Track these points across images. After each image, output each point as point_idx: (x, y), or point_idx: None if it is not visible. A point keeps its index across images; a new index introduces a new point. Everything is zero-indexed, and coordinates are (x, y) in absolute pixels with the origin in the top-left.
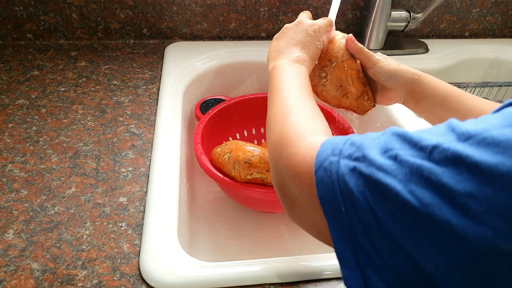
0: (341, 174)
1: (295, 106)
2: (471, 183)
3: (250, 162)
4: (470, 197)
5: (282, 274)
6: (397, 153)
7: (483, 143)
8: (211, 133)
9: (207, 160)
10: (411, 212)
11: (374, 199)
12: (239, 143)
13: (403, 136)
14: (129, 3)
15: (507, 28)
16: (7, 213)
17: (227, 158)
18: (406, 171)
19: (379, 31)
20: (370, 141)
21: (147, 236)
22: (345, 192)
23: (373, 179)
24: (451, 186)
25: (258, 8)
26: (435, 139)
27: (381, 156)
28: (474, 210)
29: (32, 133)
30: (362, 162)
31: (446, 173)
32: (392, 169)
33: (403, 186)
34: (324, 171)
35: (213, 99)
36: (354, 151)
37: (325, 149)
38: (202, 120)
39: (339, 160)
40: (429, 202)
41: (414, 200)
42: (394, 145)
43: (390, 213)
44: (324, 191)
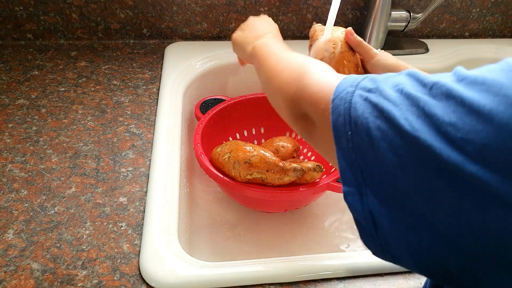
0: (354, 102)
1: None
2: (455, 114)
3: (250, 162)
4: (452, 126)
5: (282, 274)
6: (403, 87)
7: (474, 82)
8: (211, 133)
9: (207, 160)
10: (401, 134)
11: (375, 123)
12: (239, 143)
13: (414, 75)
14: (129, 3)
15: (507, 28)
16: (7, 213)
17: (227, 158)
18: (407, 103)
19: (379, 31)
20: (387, 77)
21: (147, 236)
22: (354, 116)
23: (378, 107)
24: (439, 116)
25: (258, 8)
26: (437, 78)
27: (390, 89)
28: (452, 136)
29: (32, 133)
30: (373, 93)
31: (438, 106)
32: (395, 99)
33: (401, 113)
34: (340, 99)
35: (213, 99)
36: (370, 85)
37: (346, 81)
38: (202, 120)
39: (355, 91)
40: (418, 128)
41: (406, 124)
42: (404, 82)
43: (385, 135)
44: (336, 116)
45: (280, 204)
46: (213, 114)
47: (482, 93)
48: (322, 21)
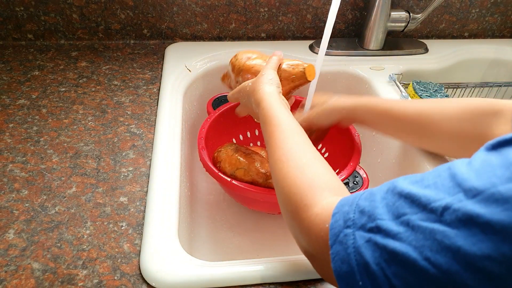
0: (357, 247)
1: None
2: (487, 244)
3: (235, 175)
4: (488, 259)
5: (282, 274)
6: (409, 219)
7: (492, 199)
8: (219, 129)
9: (206, 155)
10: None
11: (391, 269)
12: (229, 153)
13: (411, 197)
14: (129, 4)
15: (506, 28)
16: (8, 213)
17: (219, 166)
18: (420, 237)
19: (378, 31)
20: (379, 205)
21: (147, 235)
22: (362, 264)
23: (388, 249)
24: (466, 249)
25: (258, 9)
26: (443, 198)
27: (393, 223)
28: (495, 272)
29: (33, 133)
30: (376, 234)
31: (460, 235)
32: (406, 236)
33: (418, 253)
34: (339, 244)
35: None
36: (367, 221)
37: (337, 221)
38: (211, 115)
39: (354, 232)
40: (447, 269)
41: (431, 267)
42: (404, 210)
43: (407, 283)
44: (340, 264)
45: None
46: (223, 111)
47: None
48: (322, 22)
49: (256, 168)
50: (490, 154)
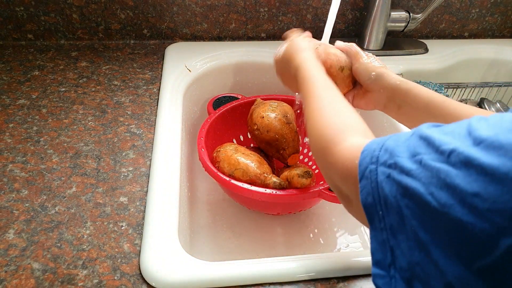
0: (379, 181)
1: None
2: (478, 183)
3: (233, 175)
4: (477, 196)
5: (282, 273)
6: (422, 158)
7: (491, 146)
8: (218, 129)
9: (206, 155)
10: (430, 212)
11: (404, 201)
12: (229, 153)
13: (428, 140)
14: (129, 4)
15: (506, 28)
16: (8, 213)
17: (217, 167)
18: (428, 174)
19: (378, 31)
20: (401, 145)
21: (147, 235)
22: (382, 197)
23: (402, 184)
24: (462, 186)
25: (258, 9)
26: (454, 143)
27: (409, 161)
28: (479, 208)
29: (33, 133)
30: (394, 169)
31: (459, 175)
32: (417, 173)
33: (425, 188)
34: (365, 179)
35: (228, 96)
36: (388, 158)
37: (365, 157)
38: (211, 116)
39: (377, 168)
40: (445, 202)
41: (433, 200)
42: (420, 150)
43: (415, 213)
44: (366, 196)
45: (272, 206)
46: (223, 111)
47: (500, 158)
48: (322, 22)
49: (254, 169)
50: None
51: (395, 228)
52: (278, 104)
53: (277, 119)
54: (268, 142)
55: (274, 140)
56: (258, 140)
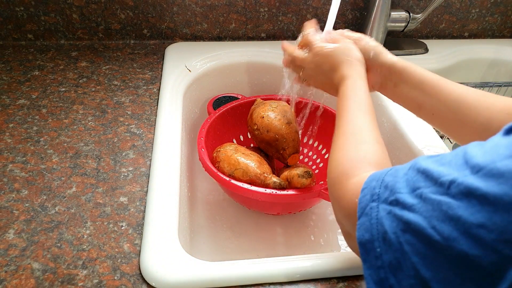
0: (380, 218)
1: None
2: (482, 214)
3: (233, 175)
4: (482, 227)
5: (282, 273)
6: (422, 192)
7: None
8: (218, 129)
9: (206, 155)
10: (433, 247)
11: (405, 237)
12: (229, 153)
13: (426, 172)
14: (129, 4)
15: (506, 28)
16: (8, 213)
17: (217, 167)
18: (430, 208)
19: (378, 31)
20: (400, 180)
21: (147, 235)
22: (381, 232)
23: (403, 220)
24: (465, 218)
25: (258, 9)
26: (452, 173)
27: (409, 196)
28: (485, 239)
29: (33, 133)
30: (395, 206)
31: (461, 206)
32: (418, 207)
33: (427, 222)
34: (365, 216)
35: (228, 96)
36: (389, 195)
37: (365, 195)
38: (211, 116)
39: (378, 206)
40: (448, 235)
41: (436, 234)
42: (420, 184)
43: (416, 249)
44: (363, 233)
45: (272, 206)
46: (223, 111)
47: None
48: (322, 22)
49: (254, 169)
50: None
51: (394, 266)
52: (278, 104)
53: (277, 119)
54: (268, 142)
55: (274, 140)
56: (258, 140)
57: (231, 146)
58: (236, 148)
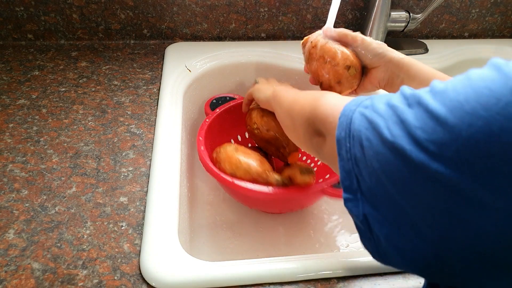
0: (354, 118)
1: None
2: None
3: (235, 175)
4: (419, 129)
5: (282, 274)
6: (390, 100)
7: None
8: (218, 129)
9: (206, 155)
10: (382, 142)
11: (365, 134)
12: (229, 153)
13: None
14: (129, 4)
15: (506, 28)
16: (8, 213)
17: (218, 167)
18: (390, 113)
19: (378, 31)
20: (384, 95)
21: (147, 235)
22: (352, 130)
23: (369, 119)
24: (410, 121)
25: (258, 9)
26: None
27: (381, 103)
28: (420, 138)
29: (33, 133)
30: (368, 108)
31: (411, 113)
32: (383, 112)
33: (384, 123)
34: (344, 117)
35: (224, 97)
36: (368, 102)
37: (352, 102)
38: (209, 116)
39: (356, 109)
40: (396, 134)
41: (387, 132)
42: (393, 96)
43: (371, 144)
44: (340, 131)
45: (274, 204)
46: (221, 111)
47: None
48: (322, 22)
49: (256, 168)
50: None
51: (358, 158)
52: None
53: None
54: (268, 140)
55: (274, 138)
56: (257, 139)
57: (230, 146)
58: (236, 147)
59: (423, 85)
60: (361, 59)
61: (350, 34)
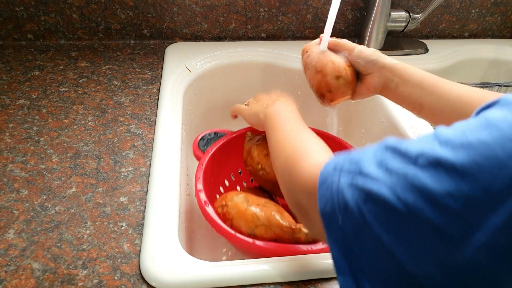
0: (340, 188)
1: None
2: (449, 182)
3: (254, 234)
4: (448, 196)
5: (282, 273)
6: (387, 163)
7: (459, 145)
8: (211, 173)
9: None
10: (396, 215)
11: (366, 206)
12: (241, 206)
13: (394, 148)
14: (129, 4)
15: (506, 28)
16: (8, 213)
17: (229, 225)
18: (394, 178)
19: (378, 31)
20: (367, 155)
21: (147, 235)
22: (342, 203)
23: (365, 189)
24: (431, 187)
25: (258, 9)
26: (420, 146)
27: (374, 167)
28: (452, 207)
29: (33, 133)
30: (358, 176)
31: (428, 176)
32: (382, 177)
33: (391, 191)
34: (325, 187)
35: (212, 133)
36: (353, 167)
37: (328, 166)
38: (202, 160)
39: (339, 176)
40: (413, 204)
41: (399, 203)
42: (386, 157)
43: (378, 218)
44: (324, 203)
45: None
46: (214, 152)
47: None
48: (322, 22)
49: (278, 221)
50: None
51: (356, 235)
52: None
53: None
54: (276, 182)
55: None
56: (262, 180)
57: (239, 197)
58: (246, 197)
59: (416, 88)
60: (355, 66)
61: (343, 43)
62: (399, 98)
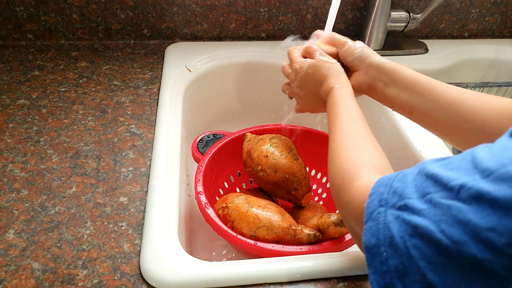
0: (387, 222)
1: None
2: (493, 217)
3: (256, 236)
4: (492, 231)
5: (282, 274)
6: (432, 197)
7: (501, 178)
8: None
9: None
10: (442, 251)
11: (412, 241)
12: (241, 208)
13: (435, 177)
14: (129, 4)
15: (506, 28)
16: (8, 213)
17: (230, 227)
18: (439, 212)
19: (378, 31)
20: (409, 186)
21: (147, 235)
22: (388, 237)
23: (412, 224)
24: (475, 222)
25: (258, 9)
26: (461, 178)
27: (419, 201)
28: (496, 243)
29: (33, 133)
30: (404, 211)
31: (471, 210)
32: (427, 212)
33: (436, 226)
34: (372, 221)
35: (211, 135)
36: (397, 200)
37: (373, 200)
38: (201, 162)
39: (386, 211)
40: (458, 239)
41: (444, 238)
42: (429, 189)
43: (424, 253)
44: (369, 237)
45: None
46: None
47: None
48: (322, 22)
49: (279, 223)
50: (509, 139)
51: (400, 271)
52: (278, 138)
53: (283, 157)
54: (277, 183)
55: (284, 180)
56: (263, 182)
57: (240, 199)
58: (247, 199)
59: (407, 89)
60: (343, 62)
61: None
62: (387, 99)
